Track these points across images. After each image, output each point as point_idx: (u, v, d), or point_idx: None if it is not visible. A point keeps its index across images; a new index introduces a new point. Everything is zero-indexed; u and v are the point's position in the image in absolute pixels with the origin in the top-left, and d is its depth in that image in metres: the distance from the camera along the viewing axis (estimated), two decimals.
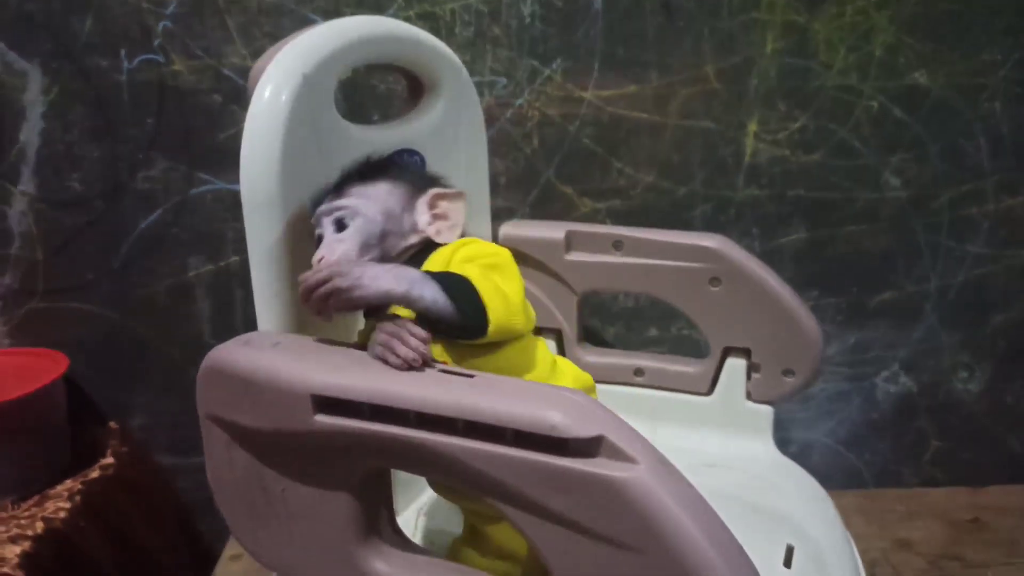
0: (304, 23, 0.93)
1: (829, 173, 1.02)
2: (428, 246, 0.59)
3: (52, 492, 0.92)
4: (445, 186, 0.63)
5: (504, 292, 0.53)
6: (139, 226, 1.00)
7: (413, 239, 0.59)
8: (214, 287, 1.02)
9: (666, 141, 1.00)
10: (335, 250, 0.57)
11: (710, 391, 0.89)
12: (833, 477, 1.13)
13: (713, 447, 0.88)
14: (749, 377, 0.87)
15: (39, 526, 0.86)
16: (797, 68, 0.98)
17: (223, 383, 0.55)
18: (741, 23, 0.96)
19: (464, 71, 0.80)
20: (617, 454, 0.44)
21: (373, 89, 0.97)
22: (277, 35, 0.94)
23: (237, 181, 0.99)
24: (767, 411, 0.87)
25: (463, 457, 0.47)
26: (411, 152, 0.75)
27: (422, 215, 0.60)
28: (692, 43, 0.97)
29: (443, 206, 0.60)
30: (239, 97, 0.96)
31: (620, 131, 1.00)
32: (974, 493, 1.13)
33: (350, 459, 0.53)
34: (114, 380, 1.06)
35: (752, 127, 1.00)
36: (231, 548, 1.03)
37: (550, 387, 0.49)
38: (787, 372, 0.85)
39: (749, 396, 0.87)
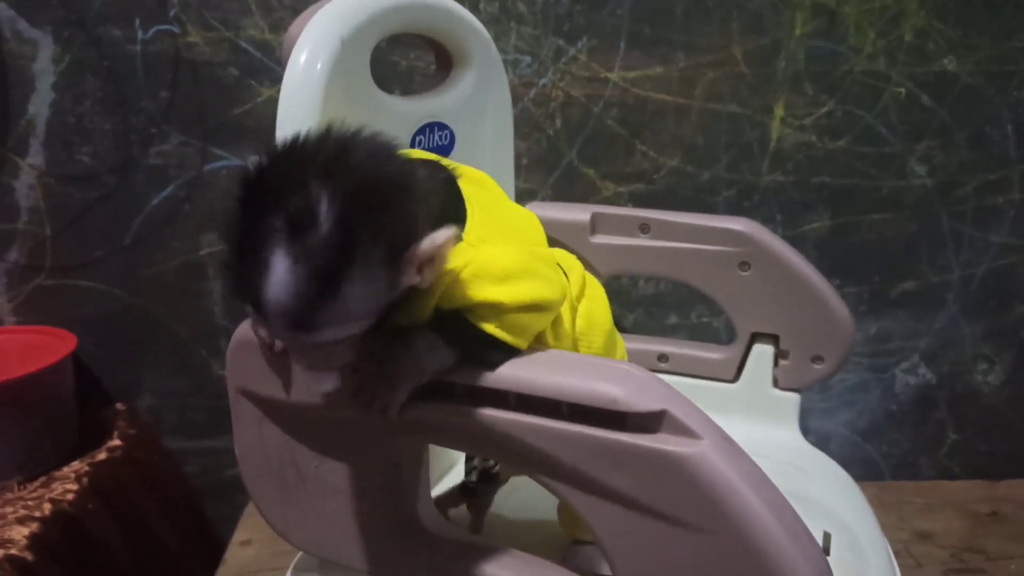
0: None
1: (855, 160, 1.00)
2: None
3: (59, 473, 0.90)
4: (423, 226, 0.42)
5: (521, 323, 0.47)
6: (151, 202, 0.97)
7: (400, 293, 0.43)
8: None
9: (691, 124, 0.98)
10: (330, 363, 0.44)
11: (736, 378, 0.87)
12: (850, 468, 1.12)
13: (739, 434, 0.85)
14: (776, 364, 0.85)
15: (47, 507, 0.83)
16: (825, 51, 0.96)
17: (258, 354, 0.53)
18: (770, 3, 0.94)
19: (493, 46, 0.78)
20: (680, 429, 0.43)
21: (395, 65, 0.95)
22: (297, 8, 0.91)
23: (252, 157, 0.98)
24: (794, 399, 0.85)
25: (515, 433, 0.45)
26: (440, 126, 0.73)
27: (407, 275, 0.41)
28: (720, 23, 0.95)
29: (432, 262, 0.42)
30: (256, 71, 0.94)
31: (645, 113, 0.98)
32: (991, 486, 1.12)
33: (392, 435, 0.51)
34: (122, 360, 1.03)
35: (779, 111, 0.98)
36: (241, 533, 1.00)
37: (608, 360, 0.47)
38: (816, 359, 0.83)
39: (776, 383, 0.86)
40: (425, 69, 0.94)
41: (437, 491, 0.74)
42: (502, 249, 0.47)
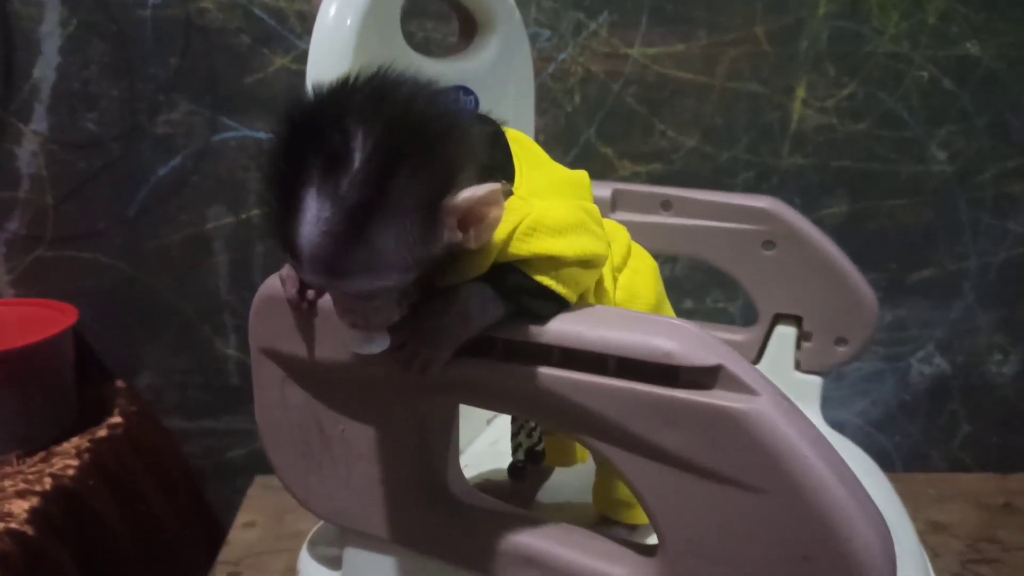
0: None
1: (875, 143, 0.99)
2: None
3: (59, 449, 0.87)
4: (466, 176, 0.40)
5: (575, 277, 0.45)
6: (157, 172, 0.95)
7: (444, 250, 0.41)
8: (233, 240, 0.97)
9: (712, 103, 0.97)
10: (371, 320, 0.41)
11: (757, 360, 0.85)
12: None
13: None
14: (799, 346, 0.84)
15: (47, 482, 0.81)
16: (848, 32, 0.95)
17: (284, 311, 0.50)
18: None
19: (517, 12, 0.76)
20: (736, 385, 0.41)
21: (411, 36, 0.92)
22: None
23: (263, 128, 0.96)
24: (816, 381, 0.84)
25: (559, 390, 0.43)
26: (466, 90, 0.71)
27: (449, 232, 0.39)
28: (743, 1, 0.93)
29: (472, 214, 0.39)
30: (269, 39, 0.91)
31: (665, 91, 0.96)
32: (1003, 479, 1.11)
33: (426, 395, 0.48)
34: (122, 336, 1.00)
35: (800, 93, 0.97)
36: (244, 515, 0.98)
37: (657, 316, 0.45)
38: (840, 341, 0.82)
39: (798, 366, 0.84)
40: (442, 41, 0.92)
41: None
42: (554, 202, 0.45)
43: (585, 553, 0.48)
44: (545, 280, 0.43)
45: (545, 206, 0.44)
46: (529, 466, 0.61)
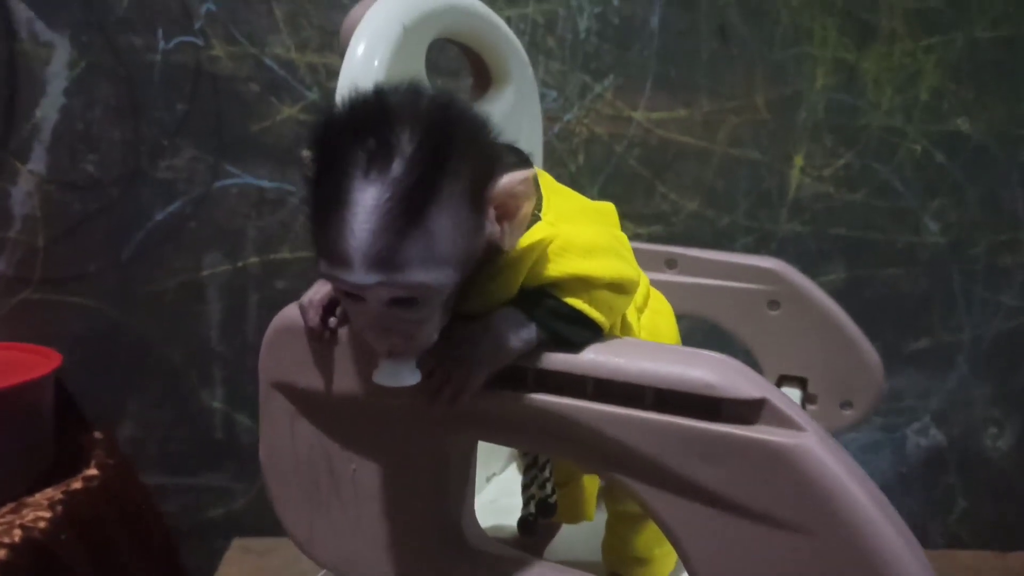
0: None
1: (871, 213, 1.01)
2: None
3: (31, 500, 0.82)
4: (511, 157, 0.42)
5: (608, 301, 0.44)
6: (154, 217, 0.93)
7: (483, 250, 0.41)
8: (228, 289, 0.95)
9: (712, 168, 0.98)
10: (410, 339, 0.39)
11: None
12: None
13: None
14: (803, 408, 0.83)
15: (17, 534, 0.76)
16: (845, 105, 0.98)
17: (300, 342, 0.49)
18: (793, 55, 0.96)
19: (530, 68, 0.77)
20: (781, 420, 0.39)
21: None
22: (326, 28, 0.91)
23: (267, 176, 0.95)
24: None
25: (593, 424, 0.42)
26: None
27: (490, 224, 0.39)
28: (744, 71, 0.96)
29: (510, 204, 0.40)
30: (278, 88, 0.92)
31: (667, 155, 0.98)
32: (1001, 557, 1.09)
33: (449, 429, 0.46)
34: (106, 384, 0.97)
35: (798, 161, 0.99)
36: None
37: (695, 349, 0.44)
38: (845, 404, 0.81)
39: None
40: (459, 88, 0.93)
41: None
42: (584, 227, 0.45)
43: None
44: (578, 303, 0.42)
45: (575, 229, 0.44)
46: (540, 520, 0.59)
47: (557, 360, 0.43)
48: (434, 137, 0.37)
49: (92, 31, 0.89)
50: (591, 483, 0.64)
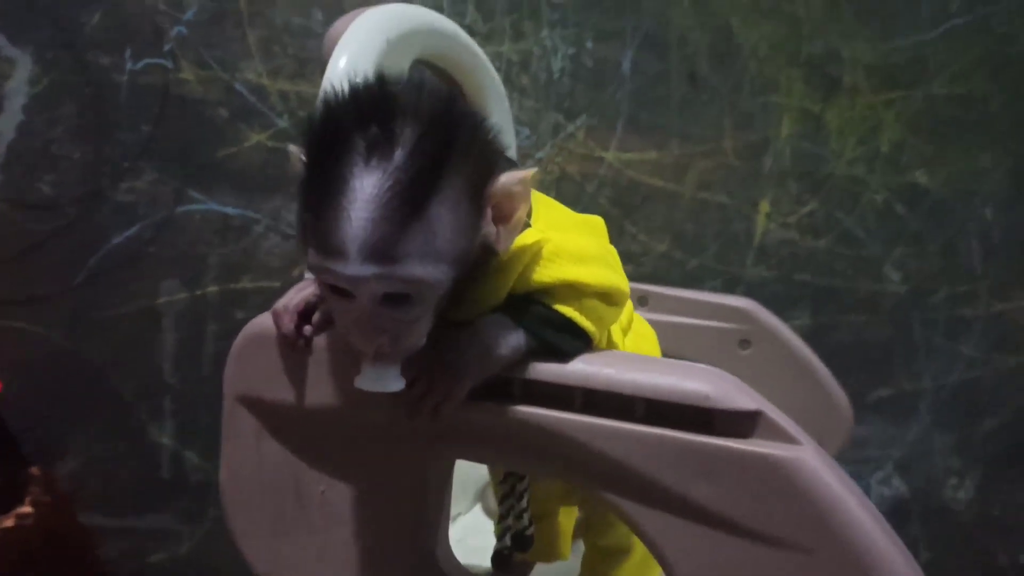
0: None
1: (834, 260, 1.02)
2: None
3: None
4: (504, 161, 0.40)
5: (598, 311, 0.43)
6: (111, 240, 0.90)
7: (479, 250, 0.40)
8: (185, 318, 0.92)
9: (682, 210, 0.99)
10: (400, 340, 0.38)
11: None
12: None
13: None
14: None
15: None
16: (810, 153, 1.00)
17: (271, 352, 0.46)
18: (760, 104, 0.98)
19: (507, 101, 0.78)
20: (776, 433, 0.38)
21: None
22: (300, 56, 0.90)
23: (231, 203, 0.93)
24: None
25: (582, 437, 0.40)
26: None
27: (486, 224, 0.38)
28: (714, 116, 0.98)
29: (506, 204, 0.39)
30: (248, 114, 0.90)
31: (637, 196, 0.98)
32: None
33: (427, 446, 0.44)
34: (47, 416, 0.92)
35: (764, 207, 1.00)
36: None
37: (685, 362, 0.43)
38: None
39: None
40: None
41: None
42: (575, 235, 0.44)
43: None
44: (568, 311, 0.41)
45: (565, 236, 0.43)
46: (515, 553, 0.56)
47: (545, 370, 0.41)
48: (437, 129, 0.36)
49: (57, 48, 0.86)
50: (567, 519, 0.62)
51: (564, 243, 0.42)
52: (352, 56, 0.55)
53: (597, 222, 0.50)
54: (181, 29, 0.88)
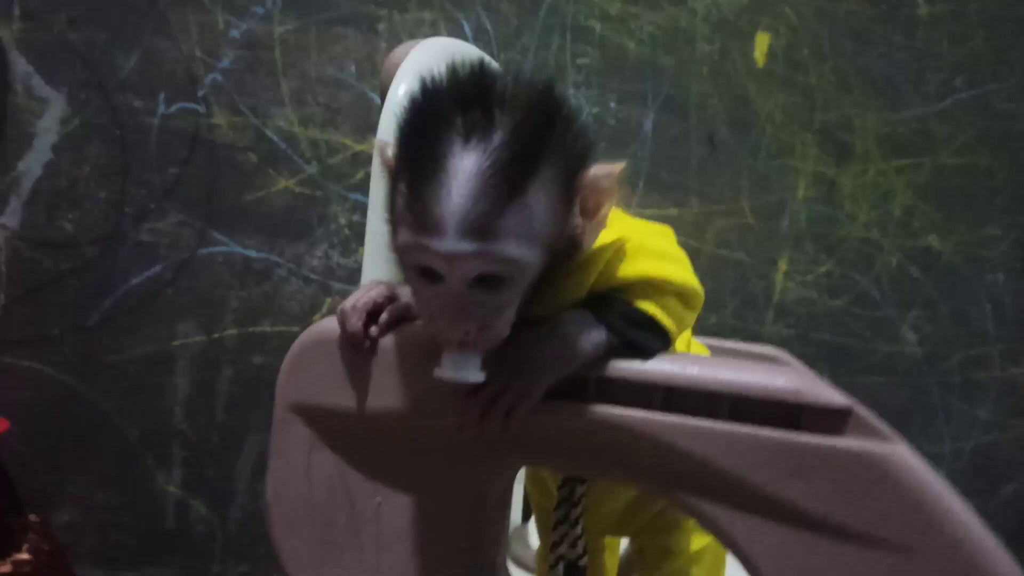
0: (362, 98, 0.91)
1: (851, 320, 1.03)
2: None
3: None
4: (592, 153, 0.39)
5: (677, 311, 0.42)
6: (130, 281, 0.89)
7: (566, 242, 0.39)
8: (200, 362, 0.90)
9: (701, 267, 0.99)
10: (487, 326, 0.37)
11: None
12: None
13: None
14: None
15: None
16: (825, 216, 1.02)
17: (331, 357, 0.45)
18: (776, 167, 1.01)
19: None
20: (868, 430, 0.37)
21: None
22: (331, 106, 0.91)
23: (255, 246, 0.92)
24: None
25: (665, 437, 0.39)
26: None
27: (576, 208, 0.38)
28: (731, 177, 1.00)
29: (594, 199, 0.38)
30: (277, 160, 0.91)
31: None
32: None
33: (495, 451, 0.42)
34: (48, 461, 0.88)
35: (782, 266, 1.01)
36: None
37: (766, 361, 0.42)
38: None
39: None
40: None
41: None
42: (653, 237, 0.44)
43: None
44: (650, 308, 0.41)
45: (646, 236, 0.43)
46: None
47: (624, 368, 0.40)
48: (536, 114, 0.36)
49: (91, 90, 0.87)
50: (612, 558, 0.60)
51: (645, 242, 0.42)
52: (411, 84, 0.56)
53: (668, 230, 0.50)
54: (216, 76, 0.89)
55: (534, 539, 0.66)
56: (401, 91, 0.57)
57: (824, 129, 1.02)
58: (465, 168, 0.34)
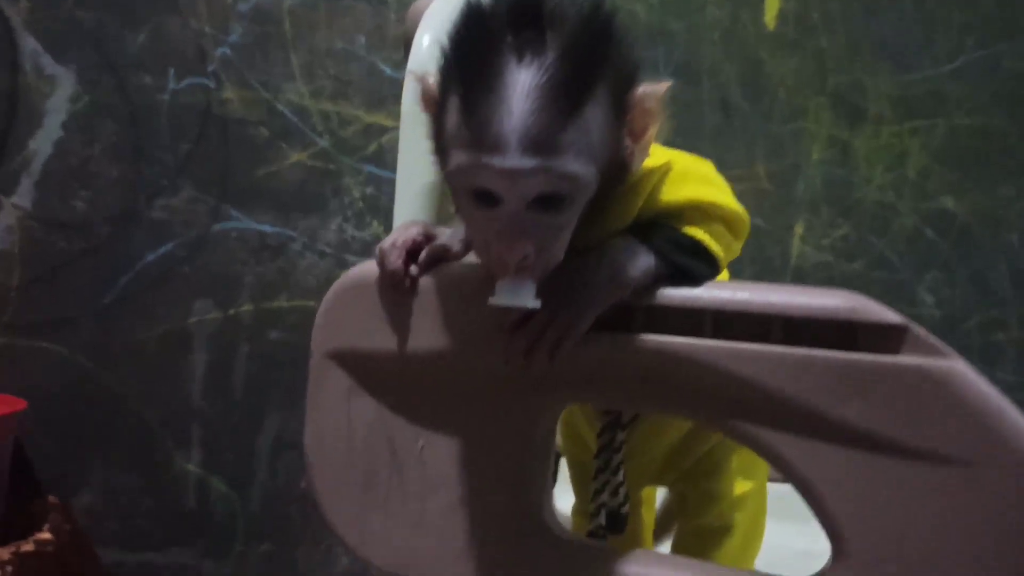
0: (373, 70, 0.91)
1: (869, 284, 1.02)
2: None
3: None
4: (639, 73, 0.38)
5: (724, 237, 0.42)
6: (144, 259, 0.88)
7: (616, 165, 0.38)
8: (217, 339, 0.89)
9: None
10: (544, 249, 0.36)
11: None
12: None
13: (790, 540, 0.78)
14: None
15: None
16: (840, 179, 1.02)
17: (369, 300, 0.44)
18: (790, 131, 1.00)
19: None
20: (926, 348, 0.37)
21: None
22: (341, 78, 0.91)
23: (269, 221, 0.91)
24: None
25: (718, 363, 0.38)
26: None
27: (626, 128, 0.38)
28: (746, 143, 0.99)
29: (642, 121, 0.38)
30: (289, 134, 0.90)
31: None
32: None
33: (538, 391, 0.41)
34: (67, 444, 0.87)
35: (799, 230, 1.01)
36: None
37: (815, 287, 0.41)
38: None
39: None
40: None
41: None
42: (697, 162, 0.44)
43: None
44: (698, 233, 0.40)
45: (689, 161, 0.43)
46: (609, 535, 0.53)
47: (672, 295, 0.39)
48: (588, 31, 0.35)
49: (101, 68, 0.86)
50: (648, 512, 0.59)
51: (691, 166, 0.42)
52: (435, 35, 0.55)
53: (708, 162, 0.50)
54: (225, 51, 0.88)
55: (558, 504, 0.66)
56: (426, 41, 0.56)
57: (837, 92, 1.02)
58: (523, 85, 0.34)
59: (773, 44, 1.00)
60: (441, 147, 0.37)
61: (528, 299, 0.36)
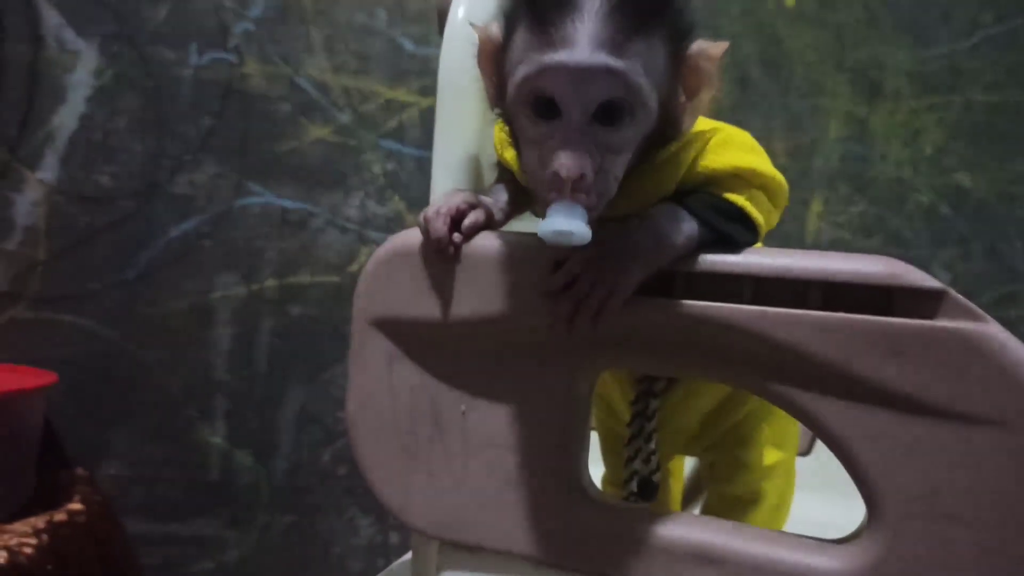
0: (393, 45, 0.91)
1: None
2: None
3: (10, 527, 0.72)
4: (697, 29, 0.39)
5: (765, 205, 0.44)
6: (168, 234, 0.88)
7: (670, 118, 0.39)
8: (241, 313, 0.90)
9: None
10: (605, 170, 0.37)
11: (809, 450, 0.81)
12: None
13: (813, 510, 0.79)
14: None
15: (3, 555, 0.66)
16: (857, 155, 1.02)
17: (412, 267, 0.45)
18: (808, 107, 1.00)
19: None
20: (963, 312, 0.38)
21: None
22: (362, 53, 0.91)
23: (291, 196, 0.92)
24: None
25: (757, 328, 0.39)
26: None
27: (680, 78, 0.39)
28: (763, 118, 1.00)
29: (694, 79, 0.39)
30: (310, 109, 0.90)
31: None
32: None
33: (579, 356, 0.43)
34: (93, 415, 0.88)
35: (816, 207, 1.01)
36: None
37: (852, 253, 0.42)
38: None
39: None
40: None
41: None
42: (738, 131, 0.45)
43: (772, 546, 0.41)
44: (740, 200, 0.41)
45: (730, 130, 0.44)
46: (640, 503, 0.54)
47: (713, 261, 0.40)
48: None
49: (123, 42, 0.87)
50: (676, 484, 0.60)
51: (734, 133, 0.42)
52: (470, 4, 0.56)
53: (746, 132, 0.50)
54: (247, 26, 0.89)
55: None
56: (460, 14, 0.57)
57: (855, 68, 1.02)
58: (592, 3, 0.35)
59: (792, 19, 1.00)
60: (500, 79, 0.38)
61: (581, 226, 0.36)
